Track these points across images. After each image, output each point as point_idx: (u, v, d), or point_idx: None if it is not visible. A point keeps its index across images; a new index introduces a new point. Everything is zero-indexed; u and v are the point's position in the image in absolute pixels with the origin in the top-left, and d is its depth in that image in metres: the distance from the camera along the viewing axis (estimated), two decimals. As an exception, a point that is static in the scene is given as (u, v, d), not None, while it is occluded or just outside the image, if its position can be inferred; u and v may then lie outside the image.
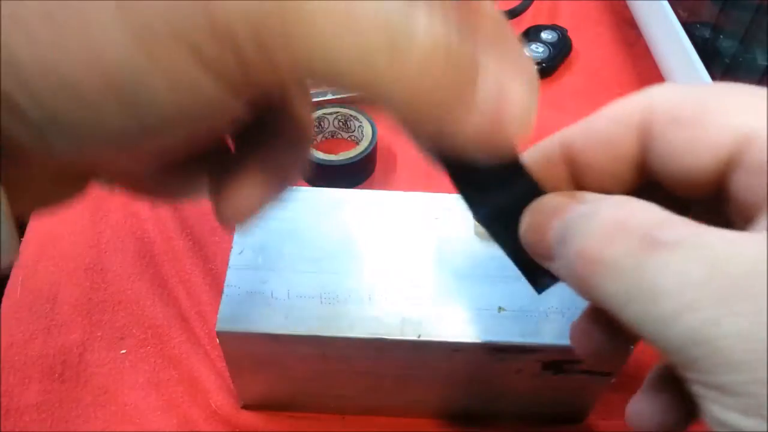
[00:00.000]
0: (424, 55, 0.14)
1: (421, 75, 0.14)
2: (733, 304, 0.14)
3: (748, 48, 0.39)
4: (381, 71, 0.14)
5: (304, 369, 0.30)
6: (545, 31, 0.54)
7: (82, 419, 0.33)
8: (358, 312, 0.28)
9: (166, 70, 0.13)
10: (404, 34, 0.14)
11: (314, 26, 0.13)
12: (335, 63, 0.14)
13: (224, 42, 0.13)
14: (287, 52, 0.13)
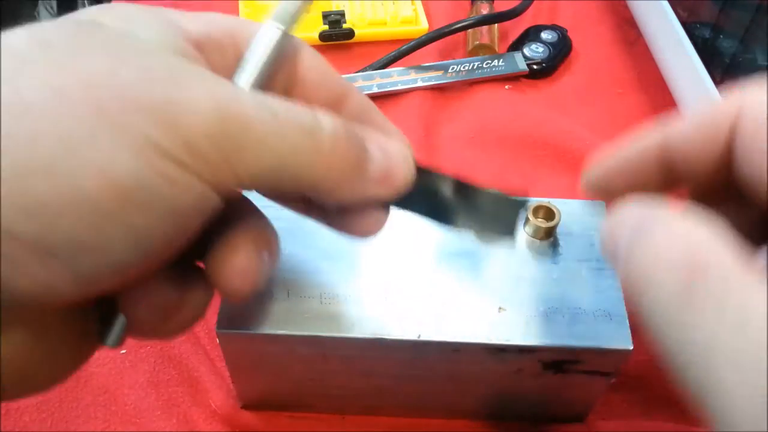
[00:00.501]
0: (331, 139, 0.20)
1: (333, 154, 0.20)
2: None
3: (748, 48, 0.39)
4: (307, 159, 0.19)
5: (304, 369, 0.30)
6: (545, 31, 0.54)
7: (82, 419, 0.33)
8: (358, 312, 0.28)
9: (163, 175, 0.17)
10: (317, 128, 0.20)
11: (256, 137, 0.18)
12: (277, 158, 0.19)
13: (196, 155, 0.17)
14: (241, 159, 0.18)
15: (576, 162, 0.46)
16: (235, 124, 0.18)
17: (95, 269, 0.17)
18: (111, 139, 0.16)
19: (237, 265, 0.21)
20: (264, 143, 0.18)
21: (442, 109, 0.50)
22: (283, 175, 0.19)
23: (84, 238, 0.16)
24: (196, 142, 0.17)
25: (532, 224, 0.30)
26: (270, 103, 0.19)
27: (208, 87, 0.18)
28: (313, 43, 0.54)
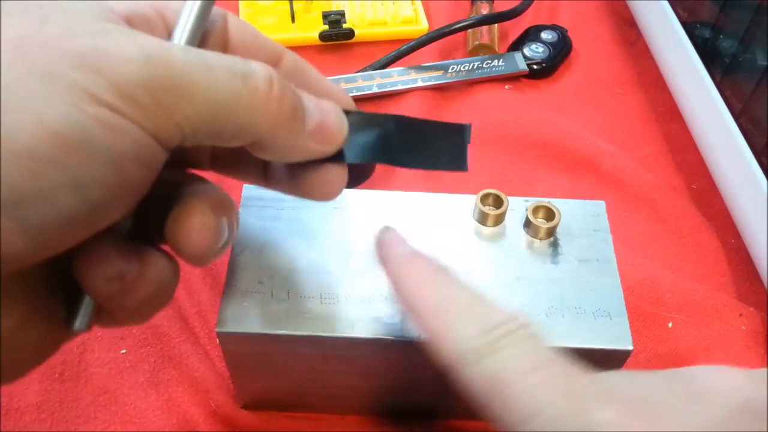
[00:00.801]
0: (266, 84, 0.20)
1: (268, 100, 0.20)
2: None
3: (748, 48, 0.39)
4: (243, 105, 0.20)
5: (304, 369, 0.30)
6: (545, 31, 0.54)
7: (82, 419, 0.33)
8: (358, 312, 0.28)
9: (97, 120, 0.17)
10: (249, 74, 0.20)
11: (189, 81, 0.18)
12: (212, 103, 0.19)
13: (129, 100, 0.18)
14: (176, 105, 0.18)
15: (576, 162, 0.46)
16: (165, 69, 0.18)
17: (42, 220, 0.17)
18: (42, 88, 0.17)
19: (194, 223, 0.21)
20: (197, 88, 0.19)
21: (442, 109, 0.50)
22: (221, 122, 0.19)
23: (26, 186, 0.16)
24: (127, 88, 0.17)
25: (532, 224, 0.30)
26: (200, 52, 0.19)
27: (136, 39, 0.18)
28: (313, 43, 0.54)
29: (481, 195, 0.31)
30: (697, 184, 0.45)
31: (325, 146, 0.23)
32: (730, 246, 0.41)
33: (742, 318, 0.38)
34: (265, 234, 0.30)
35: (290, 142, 0.21)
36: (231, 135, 0.20)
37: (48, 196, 0.17)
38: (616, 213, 0.43)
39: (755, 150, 0.38)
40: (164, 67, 0.18)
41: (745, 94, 0.39)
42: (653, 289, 0.38)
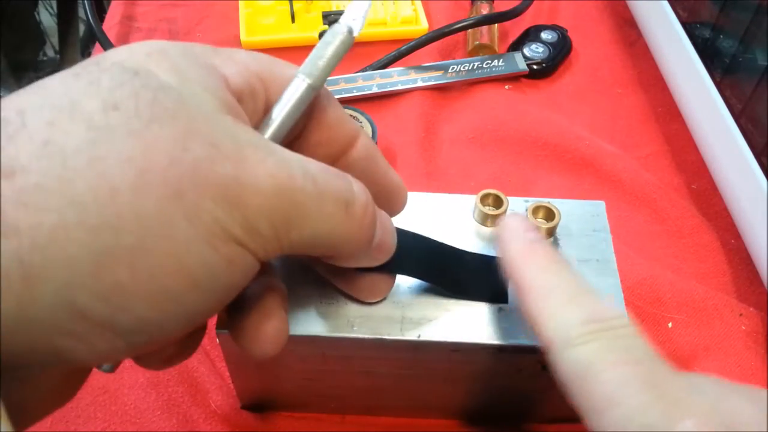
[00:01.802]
0: (362, 212, 0.21)
1: (361, 227, 0.21)
2: None
3: (748, 48, 0.39)
4: (341, 230, 0.21)
5: (304, 369, 0.30)
6: (545, 31, 0.54)
7: (82, 419, 0.33)
8: (358, 312, 0.28)
9: (226, 259, 0.18)
10: (351, 200, 0.21)
11: (303, 212, 0.20)
12: (316, 229, 0.20)
13: (254, 233, 0.19)
14: (288, 232, 0.19)
15: (576, 162, 0.46)
16: (288, 202, 0.19)
17: (148, 341, 0.18)
18: (187, 228, 0.17)
19: (270, 330, 0.22)
20: (308, 216, 0.20)
21: (442, 109, 0.50)
22: (317, 242, 0.21)
23: (147, 317, 0.17)
24: (255, 221, 0.18)
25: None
26: (311, 169, 0.20)
27: (266, 162, 0.19)
28: (313, 43, 0.53)
29: (481, 195, 0.31)
30: (697, 184, 0.45)
31: (381, 259, 0.24)
32: (730, 246, 0.41)
33: (742, 318, 0.38)
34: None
35: (360, 257, 0.23)
36: (320, 252, 0.22)
37: (162, 325, 0.18)
38: (616, 213, 0.43)
39: (755, 150, 0.38)
40: (289, 198, 0.19)
41: (745, 94, 0.39)
42: (653, 289, 0.38)
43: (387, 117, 0.48)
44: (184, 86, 0.19)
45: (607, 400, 0.20)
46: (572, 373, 0.21)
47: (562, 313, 0.22)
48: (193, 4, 0.58)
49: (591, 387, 0.20)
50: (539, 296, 0.23)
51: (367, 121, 0.45)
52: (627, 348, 0.21)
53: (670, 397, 0.20)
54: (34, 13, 1.20)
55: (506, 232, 0.26)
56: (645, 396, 0.19)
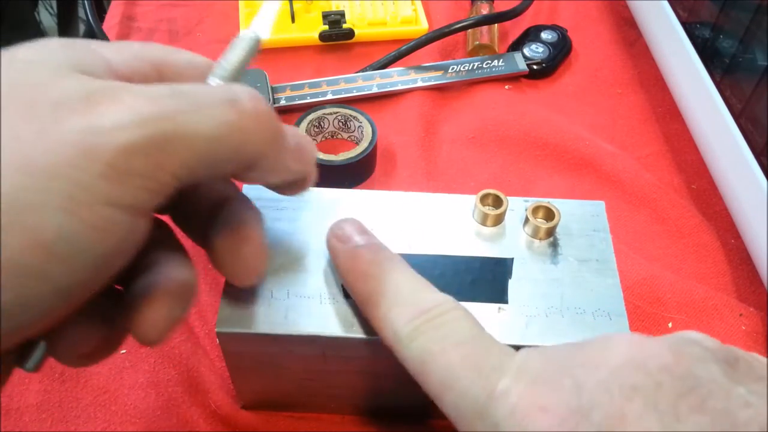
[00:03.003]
0: (252, 105, 0.20)
1: (257, 120, 0.20)
2: None
3: (748, 48, 0.39)
4: (236, 131, 0.20)
5: (303, 369, 0.30)
6: (545, 31, 0.54)
7: (82, 419, 0.33)
8: (358, 312, 0.28)
9: (93, 227, 0.17)
10: (235, 99, 0.20)
11: (184, 130, 0.18)
12: (209, 140, 0.19)
13: (124, 180, 0.17)
14: (174, 156, 0.18)
15: (576, 162, 0.46)
16: (159, 126, 0.18)
17: (21, 324, 0.17)
18: (38, 196, 0.16)
19: (153, 319, 0.22)
20: (193, 130, 0.19)
21: (442, 110, 0.50)
22: (218, 153, 0.20)
23: (13, 300, 0.16)
24: (122, 164, 0.17)
25: (531, 224, 0.30)
26: (181, 87, 0.19)
27: (123, 99, 0.18)
28: (313, 43, 0.54)
29: (481, 195, 0.31)
30: (697, 184, 0.45)
31: (302, 165, 0.24)
32: (730, 246, 0.41)
33: (742, 318, 0.38)
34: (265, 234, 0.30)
35: (276, 160, 0.22)
36: (226, 162, 0.20)
37: (29, 306, 0.17)
38: (616, 213, 0.43)
39: (755, 150, 0.38)
40: (158, 121, 0.18)
41: (745, 94, 0.39)
42: (653, 289, 0.38)
43: (387, 117, 0.48)
44: (40, 57, 0.19)
45: (441, 387, 0.21)
46: (414, 368, 0.22)
47: (391, 317, 0.23)
48: (193, 4, 0.58)
49: (427, 379, 0.22)
50: (370, 305, 0.24)
51: (367, 121, 0.45)
52: (448, 334, 0.22)
53: (488, 367, 0.21)
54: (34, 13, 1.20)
55: (333, 240, 0.27)
56: (467, 374, 0.21)
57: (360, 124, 0.45)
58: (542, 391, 0.20)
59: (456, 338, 0.22)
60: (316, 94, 0.49)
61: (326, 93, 0.49)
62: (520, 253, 0.30)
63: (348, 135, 0.47)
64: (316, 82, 0.49)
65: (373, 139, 0.44)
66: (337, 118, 0.46)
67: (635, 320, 0.37)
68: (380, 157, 0.45)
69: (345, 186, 0.40)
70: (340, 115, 0.46)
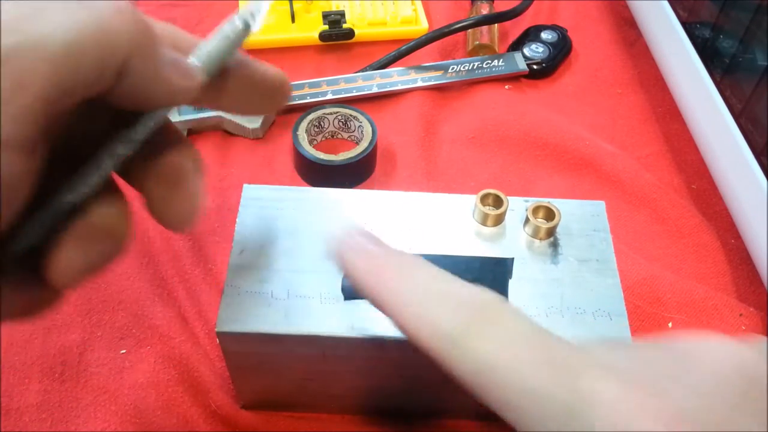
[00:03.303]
0: (111, 4, 0.19)
1: (119, 18, 0.18)
2: None
3: (748, 48, 0.39)
4: (90, 24, 0.18)
5: (304, 369, 0.30)
6: (545, 31, 0.54)
7: (82, 419, 0.33)
8: (358, 312, 0.28)
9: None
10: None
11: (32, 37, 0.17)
12: (62, 39, 0.17)
13: None
14: (25, 72, 0.16)
15: (576, 162, 0.46)
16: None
17: None
18: None
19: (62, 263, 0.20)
20: (44, 40, 0.17)
21: (442, 109, 0.50)
22: (79, 61, 0.17)
23: None
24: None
25: (531, 224, 0.30)
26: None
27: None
28: (313, 43, 0.54)
29: (481, 195, 0.31)
30: (697, 184, 0.45)
31: (185, 80, 0.21)
32: (730, 246, 0.41)
33: (742, 318, 0.38)
34: (265, 234, 0.30)
35: (150, 66, 0.20)
36: (92, 69, 0.18)
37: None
38: (616, 213, 0.43)
39: (755, 150, 0.38)
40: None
41: (745, 94, 0.39)
42: (653, 289, 0.38)
43: (387, 117, 0.48)
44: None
45: (508, 389, 0.19)
46: (468, 373, 0.20)
47: (432, 317, 0.21)
48: (193, 4, 0.58)
49: (488, 381, 0.20)
50: (399, 306, 0.22)
51: (367, 121, 0.45)
52: (508, 331, 0.20)
53: (562, 364, 0.19)
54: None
55: (348, 252, 0.24)
56: (541, 372, 0.19)
57: (360, 124, 0.45)
58: (643, 394, 0.18)
59: (518, 335, 0.20)
60: (316, 94, 0.49)
61: (326, 93, 0.49)
62: (520, 253, 0.30)
63: (348, 135, 0.47)
64: (316, 82, 0.49)
65: (373, 139, 0.44)
66: (337, 118, 0.46)
67: (635, 320, 0.37)
68: (380, 157, 0.45)
69: (345, 186, 0.40)
70: (340, 115, 0.46)
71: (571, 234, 0.31)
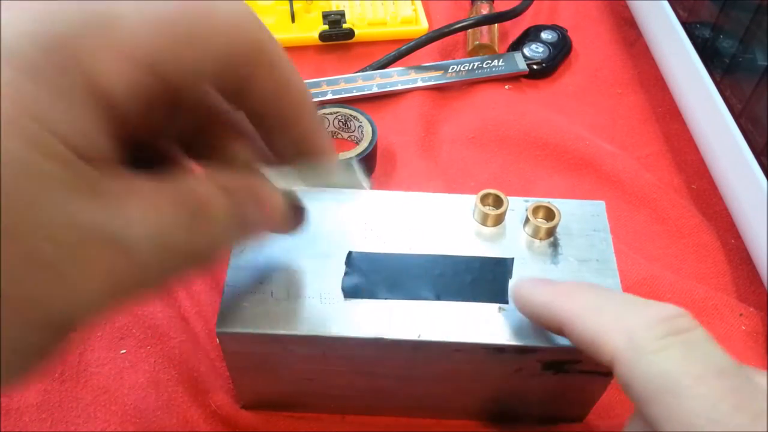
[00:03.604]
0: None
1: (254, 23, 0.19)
2: None
3: (748, 48, 0.39)
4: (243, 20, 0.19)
5: (304, 369, 0.30)
6: (545, 31, 0.54)
7: (82, 419, 0.33)
8: (358, 312, 0.28)
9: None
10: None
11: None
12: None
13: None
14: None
15: (576, 162, 0.46)
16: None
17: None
18: None
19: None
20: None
21: (442, 109, 0.50)
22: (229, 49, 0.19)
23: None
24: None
25: (532, 224, 0.30)
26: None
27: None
28: (313, 43, 0.54)
29: (481, 195, 0.31)
30: (697, 184, 0.45)
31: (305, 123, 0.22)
32: (730, 246, 0.41)
33: (742, 318, 0.37)
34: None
35: (267, 83, 0.20)
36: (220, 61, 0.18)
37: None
38: (616, 213, 0.43)
39: (755, 150, 0.37)
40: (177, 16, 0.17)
41: (745, 94, 0.39)
42: (653, 289, 0.38)
43: (387, 117, 0.48)
44: None
45: (701, 419, 0.19)
46: (653, 386, 0.20)
47: (624, 320, 0.21)
48: (193, 4, 0.58)
49: (678, 403, 0.19)
50: (590, 315, 0.22)
51: (367, 121, 0.45)
52: (706, 355, 0.20)
53: (757, 410, 0.19)
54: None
55: (526, 287, 0.26)
56: (736, 417, 0.19)
57: (360, 124, 0.45)
58: None
59: (715, 363, 0.20)
60: (316, 94, 0.49)
61: (326, 93, 0.49)
62: (520, 253, 0.30)
63: (348, 135, 0.47)
64: (316, 82, 0.49)
65: (373, 139, 0.43)
66: (337, 117, 0.46)
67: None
68: (380, 157, 0.45)
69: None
70: (340, 114, 0.46)
71: (571, 234, 0.31)
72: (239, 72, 0.19)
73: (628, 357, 0.21)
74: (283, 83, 0.20)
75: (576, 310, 0.23)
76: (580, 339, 0.23)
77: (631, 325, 0.21)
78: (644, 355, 0.20)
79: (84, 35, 0.16)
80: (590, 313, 0.23)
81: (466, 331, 0.27)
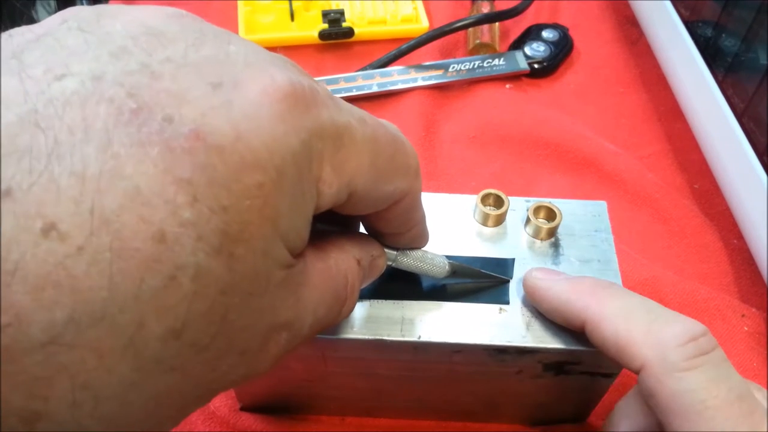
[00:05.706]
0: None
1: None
2: None
3: (751, 47, 0.39)
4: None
5: (303, 370, 0.29)
6: (546, 30, 0.54)
7: (80, 420, 0.33)
8: (358, 312, 0.27)
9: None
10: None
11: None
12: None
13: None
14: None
15: (577, 162, 0.46)
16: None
17: None
18: None
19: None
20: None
21: (443, 109, 0.49)
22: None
23: None
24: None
25: (533, 224, 0.30)
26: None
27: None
28: (313, 41, 0.53)
29: (482, 195, 0.30)
30: (700, 184, 0.45)
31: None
32: (732, 246, 0.41)
33: (744, 319, 0.37)
34: None
35: (414, 205, 0.23)
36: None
37: None
38: (618, 213, 0.43)
39: (757, 150, 0.37)
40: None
41: (747, 93, 0.38)
42: (655, 289, 0.38)
43: (387, 116, 0.48)
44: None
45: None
46: (679, 401, 0.21)
47: (655, 333, 0.22)
48: (193, 4, 0.58)
49: (703, 422, 0.21)
50: (620, 322, 0.23)
51: (368, 121, 0.44)
52: (727, 378, 0.22)
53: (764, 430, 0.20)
54: (32, 12, 1.20)
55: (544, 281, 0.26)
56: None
57: (360, 124, 0.45)
58: None
59: (735, 388, 0.21)
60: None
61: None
62: (521, 253, 0.30)
63: (348, 134, 0.46)
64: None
65: (374, 139, 0.43)
66: (337, 117, 0.46)
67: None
68: (380, 156, 0.45)
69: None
70: (340, 114, 0.45)
71: (572, 234, 0.30)
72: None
73: (659, 371, 0.22)
74: (412, 213, 0.23)
75: (604, 313, 0.24)
76: (606, 341, 0.24)
77: (662, 340, 0.22)
78: (674, 372, 0.22)
79: (321, 140, 0.17)
80: (619, 319, 0.23)
81: (467, 332, 0.27)
